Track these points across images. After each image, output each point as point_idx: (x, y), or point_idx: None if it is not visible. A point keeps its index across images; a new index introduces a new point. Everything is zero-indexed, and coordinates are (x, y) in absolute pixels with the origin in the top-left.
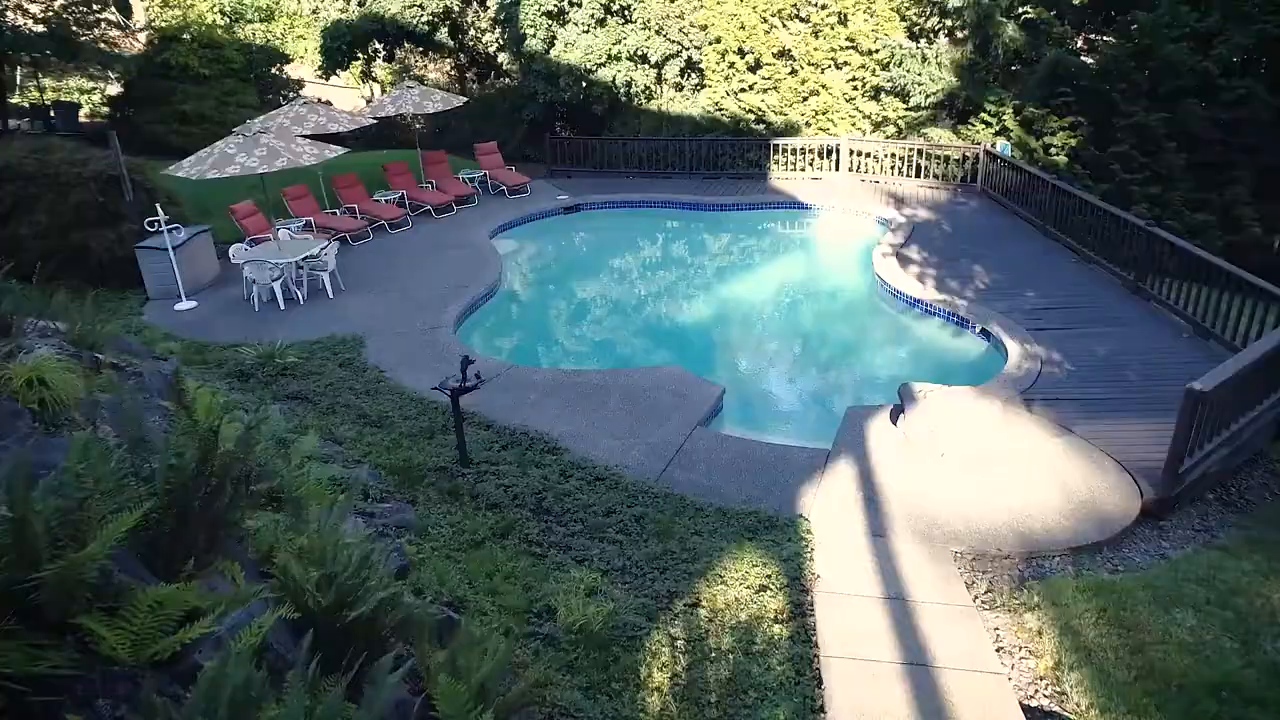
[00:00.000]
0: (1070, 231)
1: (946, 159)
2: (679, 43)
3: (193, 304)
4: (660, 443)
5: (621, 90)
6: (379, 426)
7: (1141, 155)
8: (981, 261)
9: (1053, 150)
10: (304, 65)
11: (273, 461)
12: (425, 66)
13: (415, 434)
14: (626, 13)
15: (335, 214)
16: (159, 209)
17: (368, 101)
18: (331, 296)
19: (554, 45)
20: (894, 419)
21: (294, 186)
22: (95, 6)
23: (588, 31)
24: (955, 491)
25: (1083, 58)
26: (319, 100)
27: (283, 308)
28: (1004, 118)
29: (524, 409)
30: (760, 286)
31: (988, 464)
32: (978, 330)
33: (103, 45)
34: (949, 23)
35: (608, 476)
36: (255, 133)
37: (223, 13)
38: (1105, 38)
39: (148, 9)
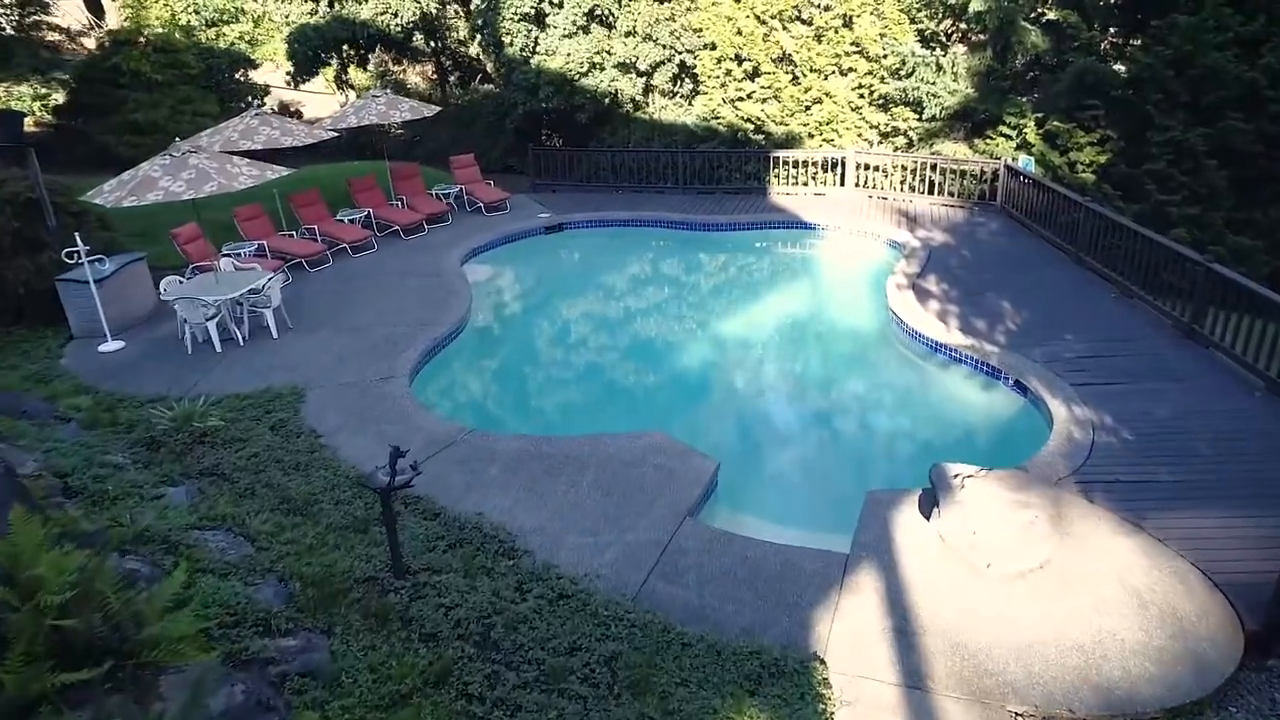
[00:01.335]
0: (1107, 260)
1: (963, 174)
2: (671, 47)
3: (120, 344)
4: (641, 541)
5: (607, 98)
6: (304, 515)
7: (1180, 174)
8: (1009, 296)
9: (1079, 167)
10: (276, 70)
11: (127, 608)
12: (404, 71)
13: (346, 526)
14: (610, 19)
15: (292, 236)
16: (78, 238)
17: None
18: (276, 336)
19: (535, 52)
20: (924, 509)
21: (246, 206)
22: (31, 8)
23: (569, 37)
24: (1008, 620)
25: (1112, 65)
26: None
27: (219, 350)
28: (1025, 130)
29: (481, 489)
30: (759, 326)
31: (1045, 580)
32: (1011, 382)
33: (45, 51)
34: (963, 27)
35: (574, 593)
36: (184, 153)
37: (197, 12)
38: (1134, 41)
39: (121, 8)
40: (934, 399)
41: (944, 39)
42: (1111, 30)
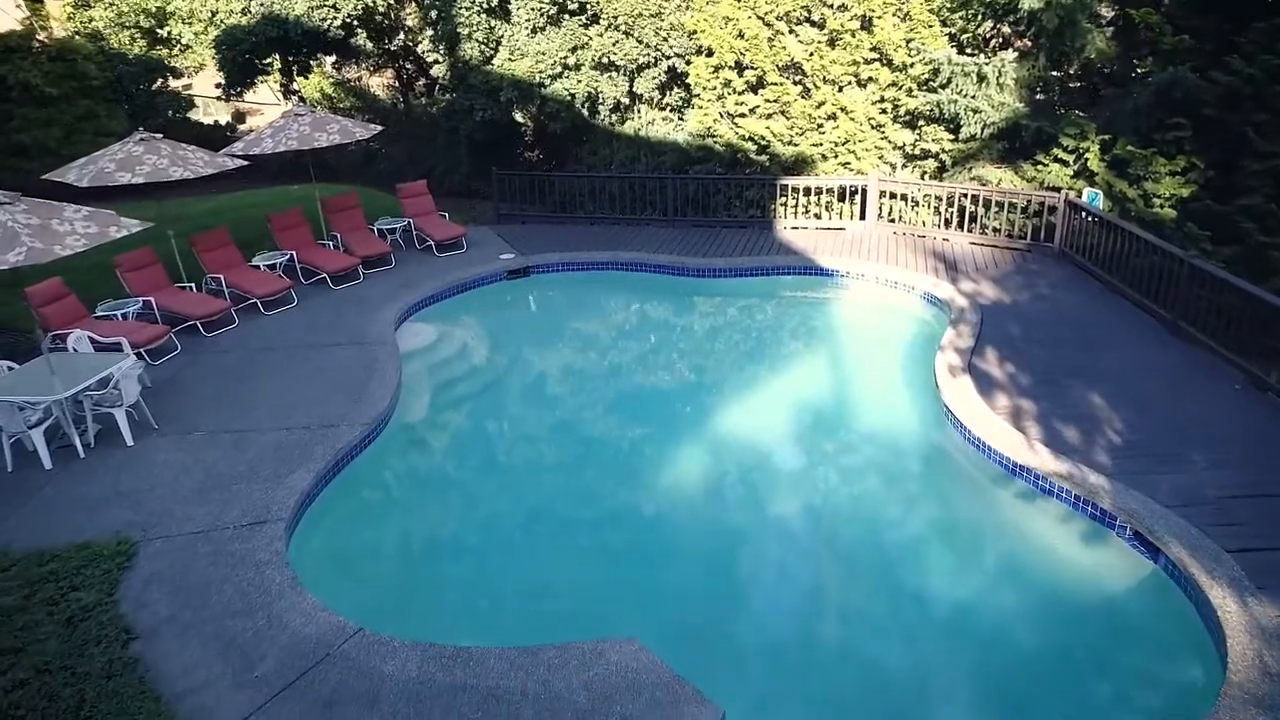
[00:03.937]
0: (1212, 329)
1: (1010, 206)
2: (656, 48)
3: None
4: None
5: (584, 106)
6: None
7: None
8: (1098, 385)
9: (1155, 201)
10: (209, 78)
11: None
12: (361, 77)
13: None
14: (586, 11)
15: (190, 290)
16: None
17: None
18: (130, 443)
19: (499, 51)
20: None
21: (133, 252)
22: None
23: (539, 31)
24: None
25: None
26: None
27: (49, 466)
28: (1087, 155)
29: None
30: (769, 439)
31: None
32: (1129, 533)
33: None
34: (1006, 29)
35: None
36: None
37: (149, 12)
38: (1207, 46)
39: (63, 6)
40: (1022, 563)
41: (980, 44)
42: (1191, 34)
